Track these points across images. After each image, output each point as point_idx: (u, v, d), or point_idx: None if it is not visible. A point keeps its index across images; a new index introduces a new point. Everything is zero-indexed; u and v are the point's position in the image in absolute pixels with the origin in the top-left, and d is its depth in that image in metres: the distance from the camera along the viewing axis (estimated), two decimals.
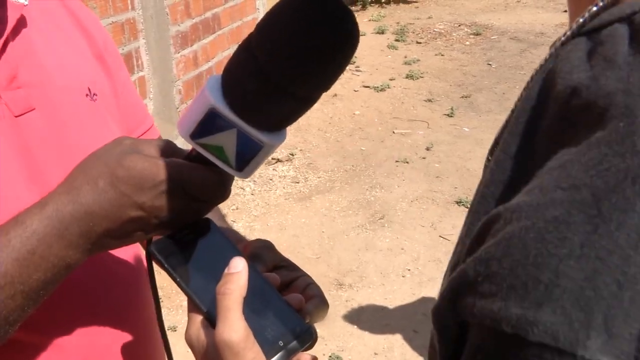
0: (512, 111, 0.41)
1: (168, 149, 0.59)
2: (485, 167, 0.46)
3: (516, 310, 0.29)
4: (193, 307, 0.55)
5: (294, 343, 0.54)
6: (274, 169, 3.83)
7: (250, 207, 3.45)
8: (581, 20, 0.37)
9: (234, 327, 0.49)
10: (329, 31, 0.48)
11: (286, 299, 0.58)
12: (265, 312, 0.55)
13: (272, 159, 3.89)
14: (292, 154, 3.98)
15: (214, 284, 0.53)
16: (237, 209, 3.43)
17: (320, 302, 0.62)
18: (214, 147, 0.54)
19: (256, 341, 0.50)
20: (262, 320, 0.54)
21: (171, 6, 3.17)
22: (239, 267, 0.52)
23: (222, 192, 0.58)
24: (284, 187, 3.64)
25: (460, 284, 0.32)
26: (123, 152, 0.56)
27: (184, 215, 0.58)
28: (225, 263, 0.53)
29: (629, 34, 0.34)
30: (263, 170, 3.78)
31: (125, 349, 0.76)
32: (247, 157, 0.54)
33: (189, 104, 0.55)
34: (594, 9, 0.37)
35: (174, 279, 0.57)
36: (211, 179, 0.56)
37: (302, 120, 4.37)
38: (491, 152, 0.45)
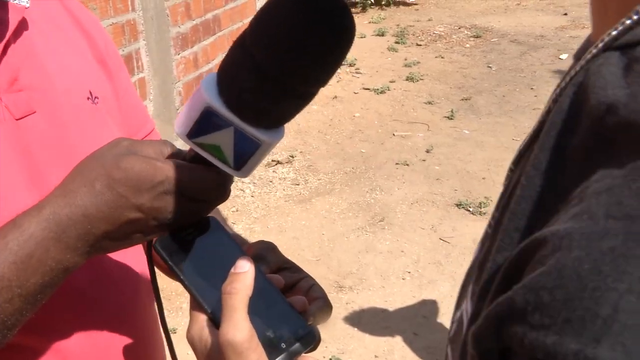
0: (540, 123, 0.40)
1: (166, 150, 0.58)
2: (509, 177, 0.45)
3: (573, 345, 0.28)
4: (195, 306, 0.54)
5: (297, 345, 0.54)
6: (273, 171, 3.83)
7: (250, 209, 3.44)
8: (614, 33, 0.36)
9: (239, 326, 0.49)
10: (326, 26, 0.48)
11: (289, 300, 0.58)
12: (269, 313, 0.55)
13: (272, 160, 3.89)
14: (292, 156, 3.97)
15: (218, 283, 0.52)
16: (237, 211, 3.42)
17: (323, 304, 0.61)
18: (212, 146, 0.53)
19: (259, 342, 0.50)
20: (265, 321, 0.54)
21: (171, 7, 3.17)
22: (245, 267, 0.52)
23: (222, 192, 0.58)
24: (284, 189, 3.63)
25: (508, 311, 0.31)
26: (120, 153, 0.56)
27: (183, 217, 0.57)
28: (230, 262, 0.53)
29: None
30: (263, 172, 3.78)
31: (125, 351, 0.76)
32: (245, 155, 0.53)
33: (186, 104, 0.54)
34: (628, 22, 0.36)
35: (178, 277, 0.56)
36: (210, 179, 0.56)
37: (302, 123, 4.37)
38: (515, 162, 0.44)
